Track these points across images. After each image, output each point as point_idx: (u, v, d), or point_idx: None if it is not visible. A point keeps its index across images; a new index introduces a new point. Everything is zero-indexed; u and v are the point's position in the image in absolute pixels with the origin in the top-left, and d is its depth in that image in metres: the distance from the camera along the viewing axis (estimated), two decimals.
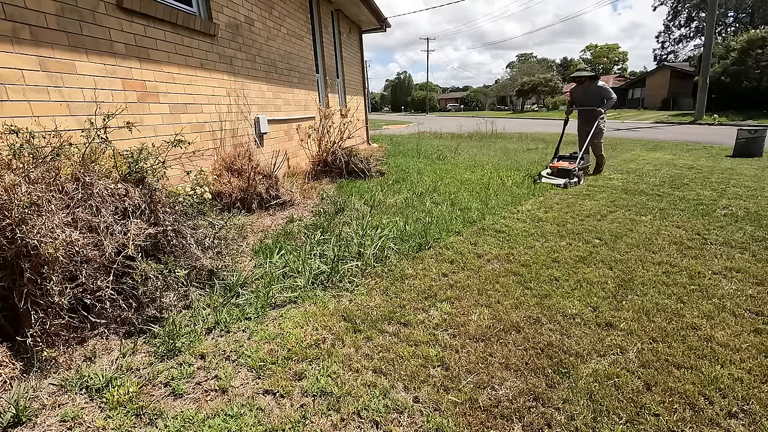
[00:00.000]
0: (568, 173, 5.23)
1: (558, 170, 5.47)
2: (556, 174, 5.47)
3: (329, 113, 6.39)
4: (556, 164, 5.55)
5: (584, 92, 5.99)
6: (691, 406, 1.49)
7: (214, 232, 2.66)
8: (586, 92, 5.97)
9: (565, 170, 5.30)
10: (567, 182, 5.08)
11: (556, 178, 5.34)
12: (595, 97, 5.87)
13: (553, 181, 5.23)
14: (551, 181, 5.23)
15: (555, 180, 5.29)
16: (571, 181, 5.15)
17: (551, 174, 5.54)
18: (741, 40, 21.40)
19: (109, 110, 2.36)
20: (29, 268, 1.72)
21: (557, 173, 5.46)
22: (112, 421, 1.48)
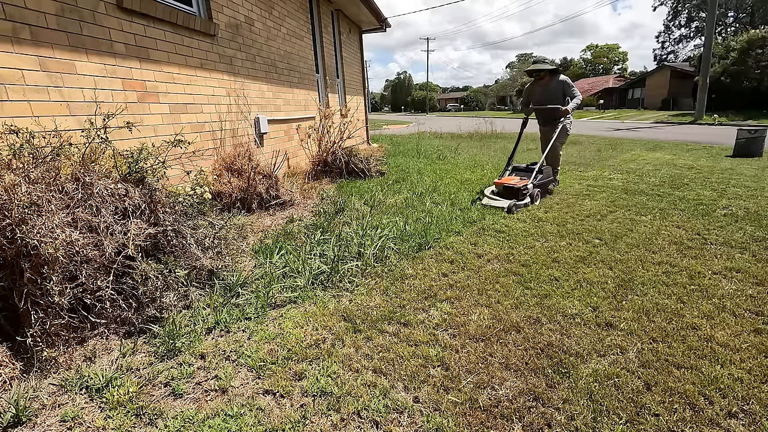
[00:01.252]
0: (516, 193, 4.17)
1: (504, 188, 4.29)
2: (502, 194, 4.34)
3: (329, 113, 6.39)
4: (502, 180, 4.40)
5: (544, 90, 4.99)
6: (691, 406, 1.49)
7: (214, 232, 2.66)
8: (546, 90, 4.96)
9: (513, 189, 4.20)
10: (512, 205, 3.97)
11: (500, 200, 4.21)
12: (556, 95, 4.89)
13: (495, 204, 4.13)
14: (492, 204, 4.15)
15: (497, 202, 4.16)
16: (519, 203, 4.09)
17: (496, 193, 4.43)
18: (741, 40, 21.40)
19: (109, 110, 2.36)
20: (29, 268, 1.72)
21: (503, 193, 4.34)
22: (112, 421, 1.48)
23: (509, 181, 4.32)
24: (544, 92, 5.00)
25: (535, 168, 4.51)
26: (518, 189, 4.17)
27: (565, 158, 7.66)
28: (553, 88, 4.93)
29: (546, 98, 4.99)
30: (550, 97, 4.95)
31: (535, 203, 4.34)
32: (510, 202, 4.02)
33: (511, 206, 3.96)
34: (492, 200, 4.25)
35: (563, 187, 5.16)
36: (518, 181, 4.27)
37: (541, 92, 5.04)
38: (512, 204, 3.98)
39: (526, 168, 4.68)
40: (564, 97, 4.90)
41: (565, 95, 4.89)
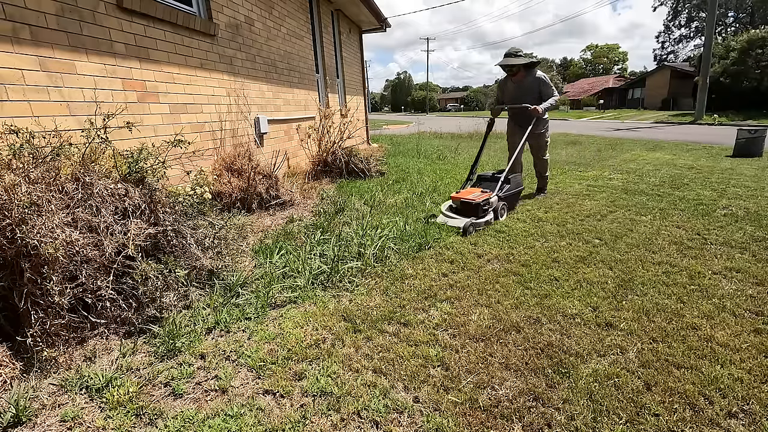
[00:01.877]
0: (475, 209, 3.56)
1: (462, 203, 3.67)
2: (460, 210, 3.71)
3: (329, 113, 6.40)
4: (459, 194, 3.76)
5: (517, 87, 4.41)
6: (691, 406, 1.49)
7: (214, 232, 2.66)
8: (520, 87, 4.39)
9: (471, 205, 3.58)
10: (468, 225, 3.37)
11: (456, 217, 3.59)
12: (531, 94, 4.32)
13: (450, 222, 3.53)
14: (448, 222, 3.55)
15: (453, 221, 3.54)
16: (479, 221, 3.50)
17: (453, 209, 3.80)
18: (741, 40, 21.41)
19: (109, 110, 2.36)
20: (29, 268, 1.72)
21: (460, 209, 3.71)
22: (112, 421, 1.48)
23: (467, 195, 3.69)
24: (518, 90, 4.43)
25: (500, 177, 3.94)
26: (477, 205, 3.54)
27: (565, 158, 7.68)
28: (527, 85, 4.35)
29: (520, 96, 4.40)
30: (524, 95, 4.37)
31: (500, 219, 3.76)
32: (467, 222, 3.40)
33: (467, 226, 3.35)
34: (448, 218, 3.62)
35: (563, 187, 5.16)
36: (478, 195, 3.64)
37: (515, 89, 4.46)
38: (469, 224, 3.37)
39: (492, 177, 4.09)
40: (539, 96, 4.33)
41: (541, 94, 4.32)
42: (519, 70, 4.32)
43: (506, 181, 3.96)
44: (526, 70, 4.35)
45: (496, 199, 3.72)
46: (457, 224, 3.46)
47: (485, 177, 4.16)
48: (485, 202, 3.60)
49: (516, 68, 4.30)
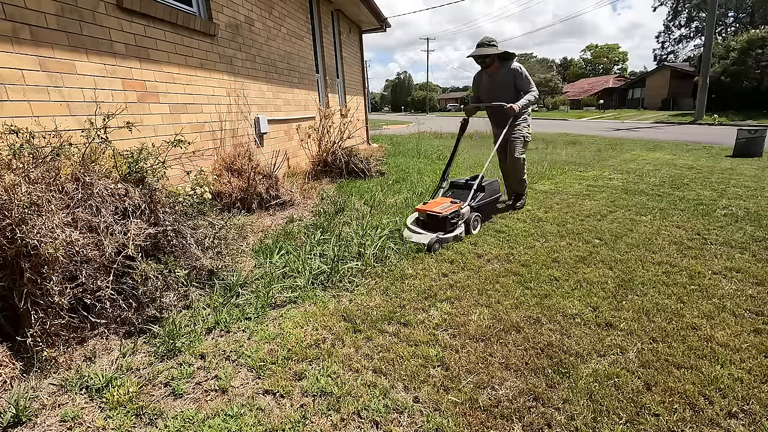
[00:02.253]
0: (443, 223, 3.16)
1: (427, 217, 3.27)
2: (427, 223, 3.31)
3: (329, 113, 6.40)
4: (426, 206, 3.34)
5: (492, 81, 3.93)
6: (691, 406, 1.49)
7: (214, 232, 2.66)
8: (495, 81, 3.90)
9: (437, 218, 3.18)
10: (433, 242, 2.98)
11: (422, 233, 3.18)
12: (507, 88, 3.86)
13: (414, 238, 3.12)
14: (412, 238, 3.14)
15: (417, 237, 3.14)
16: (447, 236, 3.12)
17: (419, 223, 3.40)
18: (741, 40, 21.42)
19: (109, 110, 2.36)
20: (29, 268, 1.72)
21: (426, 222, 3.31)
22: (112, 421, 1.48)
23: (434, 206, 3.26)
24: (492, 84, 3.94)
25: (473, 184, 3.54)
26: (444, 218, 3.13)
27: (565, 158, 7.67)
28: (502, 78, 3.86)
29: (494, 92, 3.93)
30: (499, 90, 3.90)
31: (473, 232, 3.36)
32: (431, 238, 2.99)
33: (432, 243, 2.95)
34: (412, 233, 3.20)
35: (563, 187, 5.16)
36: (447, 207, 3.22)
37: (489, 84, 3.97)
38: (434, 240, 2.97)
39: (465, 184, 3.67)
40: (516, 92, 3.86)
41: (518, 89, 3.85)
42: (493, 61, 3.84)
43: (480, 189, 3.56)
44: (501, 61, 3.86)
45: (468, 210, 3.31)
46: (420, 240, 3.05)
47: (458, 184, 3.77)
48: (454, 215, 3.19)
49: (489, 59, 3.81)
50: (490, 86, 3.98)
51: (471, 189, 3.51)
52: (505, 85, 3.88)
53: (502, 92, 3.90)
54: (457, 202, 3.36)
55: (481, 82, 4.08)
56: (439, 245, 3.03)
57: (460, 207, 3.26)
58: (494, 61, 3.85)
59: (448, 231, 3.16)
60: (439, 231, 3.16)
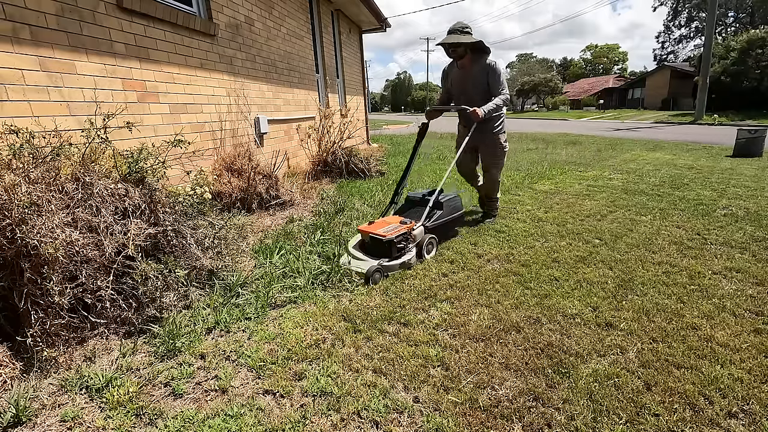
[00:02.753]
0: (388, 248, 2.72)
1: (371, 239, 2.82)
2: (370, 247, 2.85)
3: (329, 113, 6.40)
4: (370, 226, 2.87)
5: (462, 76, 3.39)
6: (691, 406, 1.49)
7: (214, 232, 2.66)
8: (465, 76, 3.37)
9: (381, 242, 2.72)
10: (373, 272, 2.53)
11: (364, 258, 2.75)
12: (478, 86, 3.31)
13: (354, 265, 2.68)
14: (351, 265, 2.68)
15: (358, 262, 2.70)
16: (391, 263, 2.68)
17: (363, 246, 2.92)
18: (741, 40, 21.43)
19: (109, 110, 2.36)
20: (29, 268, 1.72)
21: (371, 246, 2.85)
22: (112, 421, 1.48)
23: (379, 227, 2.79)
24: (463, 80, 3.39)
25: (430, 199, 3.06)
26: (389, 242, 2.69)
27: (565, 158, 7.67)
28: (474, 74, 3.30)
29: (464, 89, 3.40)
30: (469, 87, 3.36)
31: (427, 257, 2.88)
32: (372, 266, 2.54)
33: (371, 273, 2.50)
34: (352, 258, 2.75)
35: (563, 187, 5.15)
36: (393, 228, 2.77)
37: (460, 80, 3.42)
38: (374, 269, 2.52)
39: (422, 199, 3.20)
40: (488, 91, 3.30)
41: (489, 87, 3.29)
42: (465, 52, 3.26)
43: (437, 206, 3.10)
44: (474, 53, 3.29)
45: (421, 231, 2.87)
46: (360, 268, 2.61)
47: (414, 199, 3.29)
48: (401, 238, 2.75)
49: (462, 49, 3.23)
50: (461, 82, 3.40)
51: (427, 206, 3.02)
52: (476, 81, 3.31)
53: (473, 90, 3.34)
54: (408, 222, 2.86)
55: (452, 77, 3.49)
56: (380, 275, 2.58)
57: (410, 228, 2.82)
58: (467, 53, 3.28)
59: (393, 257, 2.71)
60: (383, 257, 2.71)
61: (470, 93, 3.37)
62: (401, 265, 2.71)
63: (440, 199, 3.15)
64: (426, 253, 2.90)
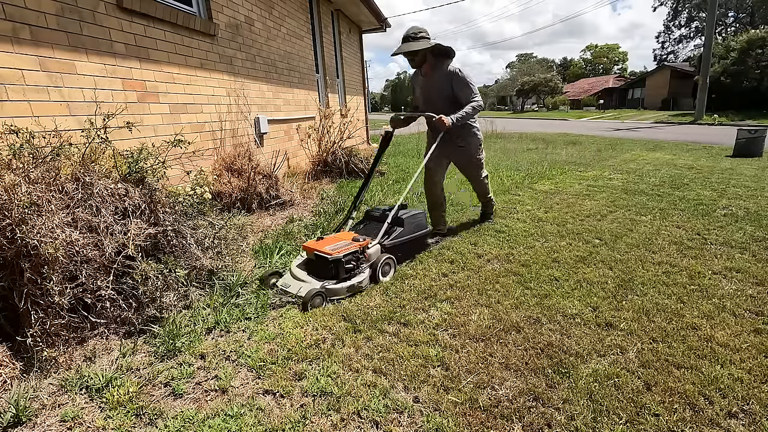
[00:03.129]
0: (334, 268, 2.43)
1: (315, 257, 2.51)
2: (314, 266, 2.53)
3: (329, 113, 6.40)
4: (317, 243, 2.56)
5: (426, 86, 3.16)
6: (691, 406, 1.49)
7: (214, 232, 2.66)
8: (428, 84, 3.14)
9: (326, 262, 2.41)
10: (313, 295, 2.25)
11: (306, 279, 2.43)
12: (442, 94, 3.07)
13: (292, 288, 2.39)
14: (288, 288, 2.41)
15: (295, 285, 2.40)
16: (338, 287, 2.37)
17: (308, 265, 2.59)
18: (741, 40, 21.43)
19: (109, 110, 2.36)
20: (29, 268, 1.72)
21: (315, 266, 2.53)
22: (112, 421, 1.48)
23: (326, 244, 2.50)
24: (427, 89, 3.16)
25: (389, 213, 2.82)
26: (335, 261, 2.40)
27: (565, 158, 7.68)
28: (437, 81, 3.05)
29: (429, 97, 3.16)
30: (433, 96, 3.11)
31: (383, 280, 2.57)
32: (312, 289, 2.26)
33: (310, 297, 2.22)
34: (291, 280, 2.46)
35: (563, 187, 5.15)
36: (342, 246, 2.49)
37: (424, 88, 3.19)
38: (314, 293, 2.24)
39: (383, 214, 2.92)
40: (453, 100, 3.04)
41: (456, 96, 3.03)
42: (424, 59, 3.02)
43: (397, 222, 2.84)
44: (436, 58, 3.05)
45: (377, 250, 2.60)
46: (297, 291, 2.32)
47: (374, 214, 3.04)
48: (351, 257, 2.47)
49: (419, 57, 2.99)
50: (425, 90, 3.16)
51: (385, 221, 2.75)
52: (440, 89, 3.04)
53: (437, 97, 3.07)
54: (361, 239, 2.59)
55: (418, 86, 3.25)
56: (321, 300, 2.29)
57: (363, 246, 2.54)
58: (425, 59, 3.03)
59: (340, 279, 2.42)
60: (329, 279, 2.42)
61: (434, 100, 3.13)
62: (349, 289, 2.41)
63: (402, 215, 2.86)
64: (381, 275, 2.58)
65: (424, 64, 3.08)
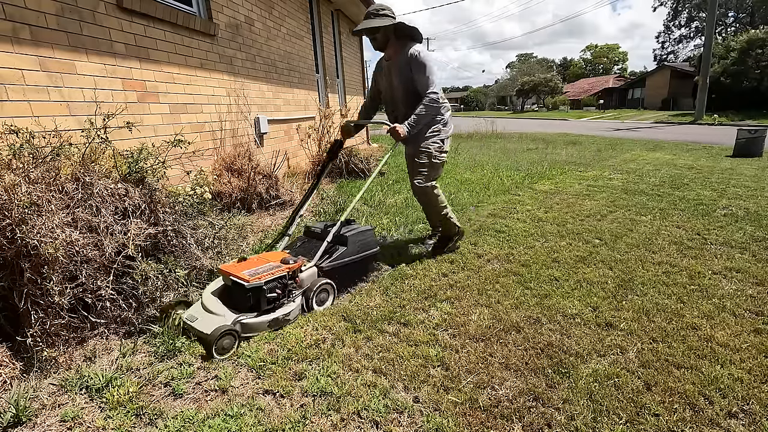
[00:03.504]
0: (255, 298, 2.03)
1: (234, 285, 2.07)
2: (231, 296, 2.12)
3: (329, 113, 6.39)
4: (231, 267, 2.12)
5: (388, 71, 2.71)
6: (691, 406, 1.49)
7: (214, 232, 2.66)
8: (390, 71, 2.69)
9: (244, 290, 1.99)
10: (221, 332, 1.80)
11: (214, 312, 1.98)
12: (401, 84, 2.64)
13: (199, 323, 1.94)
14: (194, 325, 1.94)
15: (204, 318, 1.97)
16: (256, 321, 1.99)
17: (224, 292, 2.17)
18: (741, 40, 21.43)
19: (109, 110, 2.35)
20: (29, 268, 1.72)
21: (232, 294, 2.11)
22: (112, 421, 1.48)
23: (243, 269, 2.05)
24: (389, 77, 2.70)
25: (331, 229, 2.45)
26: (255, 290, 1.99)
27: (565, 158, 7.67)
28: (399, 68, 2.60)
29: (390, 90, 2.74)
30: (394, 88, 2.69)
31: (317, 309, 2.22)
32: (220, 326, 1.82)
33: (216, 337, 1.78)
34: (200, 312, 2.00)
35: (563, 187, 5.15)
36: (265, 270, 2.06)
37: (387, 77, 2.73)
38: (223, 331, 1.80)
39: (324, 231, 2.52)
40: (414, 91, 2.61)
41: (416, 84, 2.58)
42: (387, 39, 2.60)
43: (340, 241, 2.47)
44: (400, 40, 2.61)
45: (312, 273, 2.25)
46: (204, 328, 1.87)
47: (314, 230, 2.63)
48: (275, 283, 2.06)
49: (380, 36, 2.58)
50: (388, 78, 2.69)
51: (326, 238, 2.39)
52: (401, 78, 2.59)
53: (398, 88, 2.66)
54: (292, 260, 2.17)
55: (382, 76, 2.78)
56: (233, 340, 1.84)
57: (294, 269, 2.16)
58: (389, 39, 2.61)
59: (261, 310, 2.01)
60: (246, 311, 2.00)
61: (395, 92, 2.70)
62: (272, 323, 2.01)
63: (345, 232, 2.48)
64: (316, 303, 2.22)
65: (388, 48, 2.67)
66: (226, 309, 2.00)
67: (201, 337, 1.89)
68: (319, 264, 2.32)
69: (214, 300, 2.07)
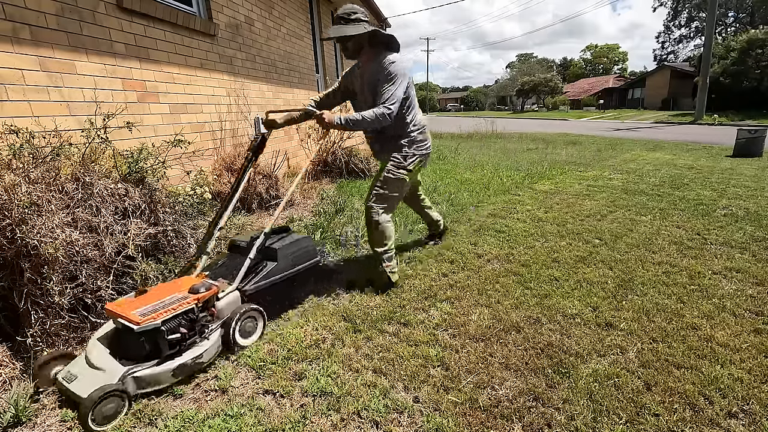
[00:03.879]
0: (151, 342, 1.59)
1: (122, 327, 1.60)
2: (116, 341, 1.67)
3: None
4: (121, 306, 1.63)
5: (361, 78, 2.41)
6: (691, 406, 1.49)
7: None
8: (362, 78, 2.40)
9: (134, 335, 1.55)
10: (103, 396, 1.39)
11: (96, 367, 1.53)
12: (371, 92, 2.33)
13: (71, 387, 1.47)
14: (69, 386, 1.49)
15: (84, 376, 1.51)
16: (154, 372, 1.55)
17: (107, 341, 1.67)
18: (741, 40, 21.42)
19: (109, 110, 2.36)
20: (29, 268, 1.72)
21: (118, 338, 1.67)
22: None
23: (131, 308, 1.62)
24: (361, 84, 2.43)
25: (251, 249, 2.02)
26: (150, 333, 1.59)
27: (565, 158, 7.67)
28: (370, 76, 2.33)
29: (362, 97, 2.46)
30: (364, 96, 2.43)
31: (243, 343, 1.86)
32: (100, 388, 1.41)
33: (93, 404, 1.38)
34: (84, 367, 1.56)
35: (563, 187, 5.15)
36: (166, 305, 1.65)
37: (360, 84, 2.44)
38: (103, 395, 1.40)
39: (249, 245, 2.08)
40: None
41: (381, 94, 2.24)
42: (359, 49, 2.36)
43: (268, 256, 2.12)
44: (375, 48, 2.35)
45: (234, 299, 1.91)
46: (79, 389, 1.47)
47: (240, 244, 2.22)
48: (176, 323, 1.66)
49: (352, 45, 2.33)
50: (360, 88, 2.45)
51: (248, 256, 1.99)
52: (370, 87, 2.34)
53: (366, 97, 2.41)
54: (204, 288, 1.78)
55: (348, 81, 2.53)
56: (120, 403, 1.47)
57: (207, 298, 1.78)
58: (361, 49, 2.36)
59: (163, 358, 1.62)
60: (141, 360, 1.60)
61: (362, 103, 2.46)
62: (177, 371, 1.61)
63: (273, 244, 2.14)
64: (240, 336, 1.84)
65: (362, 56, 2.37)
66: (114, 361, 1.57)
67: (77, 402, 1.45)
68: (242, 287, 1.94)
69: (100, 350, 1.61)
